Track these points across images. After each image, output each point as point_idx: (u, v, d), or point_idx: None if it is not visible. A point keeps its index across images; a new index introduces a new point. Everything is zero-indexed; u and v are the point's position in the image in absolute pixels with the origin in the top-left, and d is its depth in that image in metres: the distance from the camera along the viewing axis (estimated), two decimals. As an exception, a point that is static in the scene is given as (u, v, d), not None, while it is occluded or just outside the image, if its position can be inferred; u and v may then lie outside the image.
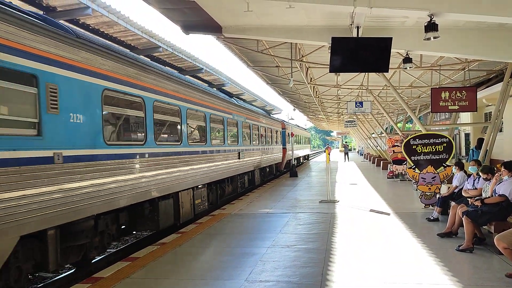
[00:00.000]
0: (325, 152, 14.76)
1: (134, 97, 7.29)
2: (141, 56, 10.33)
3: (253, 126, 16.92)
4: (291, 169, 23.07)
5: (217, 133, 12.23)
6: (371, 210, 10.30)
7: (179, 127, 9.25)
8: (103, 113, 6.36)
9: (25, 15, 5.18)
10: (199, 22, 8.76)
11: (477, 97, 11.68)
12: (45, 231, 5.21)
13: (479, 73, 15.40)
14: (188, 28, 8.93)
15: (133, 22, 9.75)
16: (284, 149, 25.00)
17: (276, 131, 23.09)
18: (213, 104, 11.68)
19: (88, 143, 5.94)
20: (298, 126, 38.50)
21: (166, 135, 8.99)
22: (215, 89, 15.17)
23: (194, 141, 10.36)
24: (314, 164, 37.80)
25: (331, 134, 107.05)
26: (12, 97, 4.80)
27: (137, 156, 7.26)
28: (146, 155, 7.58)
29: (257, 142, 17.71)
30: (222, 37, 9.76)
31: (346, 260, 6.03)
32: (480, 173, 7.36)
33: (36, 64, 5.02)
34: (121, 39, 10.66)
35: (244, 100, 19.94)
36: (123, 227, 7.78)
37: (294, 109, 31.30)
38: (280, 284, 5.07)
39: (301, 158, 36.20)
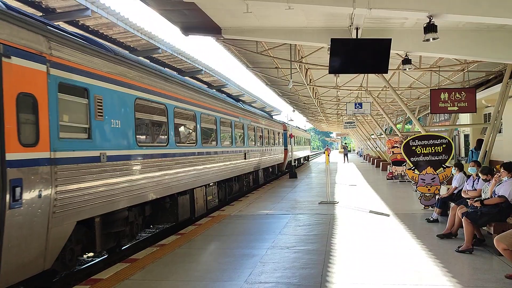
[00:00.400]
0: (324, 153, 14.77)
1: (158, 104, 8.17)
2: (140, 57, 10.33)
3: (257, 128, 17.57)
4: (290, 170, 23.10)
5: (225, 135, 12.97)
6: (371, 211, 10.30)
7: (194, 130, 10.18)
8: (135, 118, 7.20)
9: (77, 38, 6.09)
10: (199, 24, 8.76)
11: (476, 98, 11.69)
12: (93, 219, 6.12)
13: (478, 74, 15.39)
14: (188, 29, 8.94)
15: (132, 23, 9.75)
16: (286, 150, 25.43)
17: (278, 133, 23.63)
18: (222, 108, 12.49)
19: (124, 144, 6.82)
20: (299, 127, 38.59)
21: (184, 137, 9.92)
22: (214, 90, 15.22)
23: (207, 142, 11.08)
24: (314, 165, 37.82)
25: (331, 135, 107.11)
26: (71, 107, 5.77)
27: (161, 156, 8.12)
28: (168, 155, 8.42)
29: (261, 143, 18.40)
30: (222, 38, 9.77)
31: (345, 261, 6.03)
32: (480, 174, 7.36)
33: (87, 80, 5.94)
34: (121, 40, 10.67)
35: (244, 102, 20.07)
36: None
37: (294, 110, 31.37)
38: (280, 285, 5.06)
39: (301, 159, 36.32)
